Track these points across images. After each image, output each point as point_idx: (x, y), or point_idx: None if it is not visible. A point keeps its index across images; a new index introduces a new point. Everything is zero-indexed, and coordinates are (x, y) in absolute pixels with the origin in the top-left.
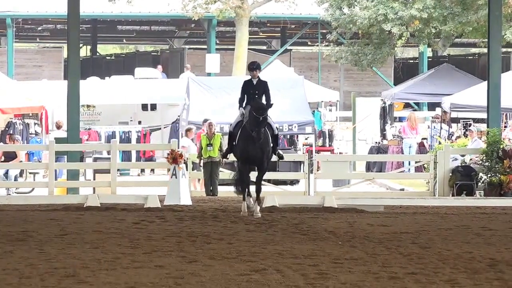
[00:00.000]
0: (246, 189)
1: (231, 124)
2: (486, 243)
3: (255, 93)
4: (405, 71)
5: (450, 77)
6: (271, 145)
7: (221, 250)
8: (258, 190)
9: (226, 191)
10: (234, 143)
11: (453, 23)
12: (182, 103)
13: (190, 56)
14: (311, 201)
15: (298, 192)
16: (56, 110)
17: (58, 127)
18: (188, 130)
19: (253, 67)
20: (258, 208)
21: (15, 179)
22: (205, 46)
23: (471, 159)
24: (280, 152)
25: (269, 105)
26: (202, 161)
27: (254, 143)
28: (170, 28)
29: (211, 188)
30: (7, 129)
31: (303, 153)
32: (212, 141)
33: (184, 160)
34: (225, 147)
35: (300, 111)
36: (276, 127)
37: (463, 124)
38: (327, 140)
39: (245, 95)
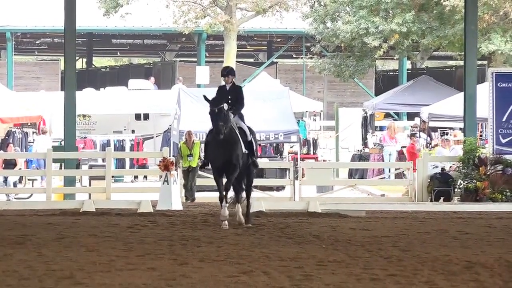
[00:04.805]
0: (224, 200)
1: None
2: (462, 246)
3: (228, 99)
4: (385, 82)
5: (428, 88)
6: (244, 151)
7: (211, 253)
8: (236, 191)
9: (215, 197)
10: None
11: (431, 37)
12: (173, 113)
13: (181, 68)
14: (296, 206)
15: (283, 197)
16: (54, 119)
17: (43, 132)
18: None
19: (225, 72)
20: (240, 212)
21: (14, 185)
22: (195, 59)
23: (450, 167)
24: (256, 161)
25: (236, 110)
26: (181, 168)
27: (221, 146)
28: (162, 41)
29: (190, 193)
30: (6, 137)
31: (289, 160)
32: (192, 151)
33: None
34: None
35: (285, 121)
36: (251, 134)
37: (440, 133)
38: (311, 148)
39: None
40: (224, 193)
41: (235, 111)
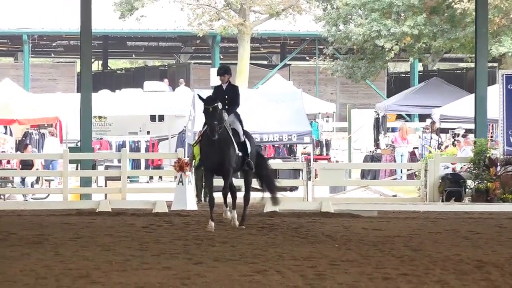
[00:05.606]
0: (224, 204)
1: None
2: (473, 246)
3: (225, 99)
4: (397, 84)
5: (440, 90)
6: (238, 152)
7: (225, 253)
8: (233, 196)
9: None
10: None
11: (442, 39)
12: (188, 114)
13: (195, 70)
14: (309, 206)
15: (297, 198)
16: (70, 120)
17: (52, 134)
18: None
19: (221, 71)
20: (235, 217)
21: (32, 186)
22: (209, 61)
23: (461, 168)
24: (251, 162)
25: (231, 109)
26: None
27: (214, 147)
28: (177, 44)
29: (202, 194)
30: (24, 139)
31: (302, 161)
32: None
33: None
34: None
35: (298, 122)
36: (244, 135)
37: (451, 134)
38: (324, 149)
39: None
40: (213, 204)
41: (230, 110)
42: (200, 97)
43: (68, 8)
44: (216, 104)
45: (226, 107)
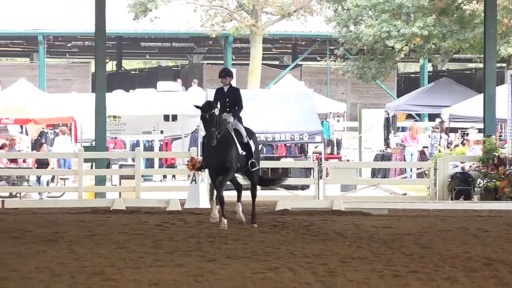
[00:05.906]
0: (214, 200)
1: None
2: (482, 243)
3: (226, 101)
4: (407, 84)
5: (449, 90)
6: (241, 152)
7: (238, 250)
8: (238, 190)
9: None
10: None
11: (452, 40)
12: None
13: (208, 70)
14: (320, 204)
15: (308, 196)
16: (85, 120)
17: (64, 133)
18: None
19: (223, 74)
20: (240, 210)
21: (47, 184)
22: (222, 62)
23: (470, 166)
24: (254, 162)
25: (236, 112)
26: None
27: (213, 149)
28: (190, 44)
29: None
30: (39, 138)
31: (313, 160)
32: None
33: None
34: None
35: (310, 122)
36: (248, 135)
37: (461, 134)
38: (335, 148)
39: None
40: (220, 192)
41: (234, 114)
42: (196, 106)
43: (83, 10)
44: (213, 111)
45: (228, 109)
